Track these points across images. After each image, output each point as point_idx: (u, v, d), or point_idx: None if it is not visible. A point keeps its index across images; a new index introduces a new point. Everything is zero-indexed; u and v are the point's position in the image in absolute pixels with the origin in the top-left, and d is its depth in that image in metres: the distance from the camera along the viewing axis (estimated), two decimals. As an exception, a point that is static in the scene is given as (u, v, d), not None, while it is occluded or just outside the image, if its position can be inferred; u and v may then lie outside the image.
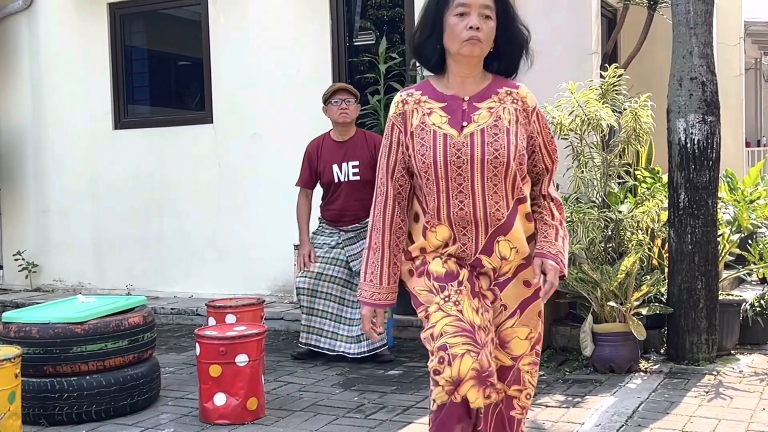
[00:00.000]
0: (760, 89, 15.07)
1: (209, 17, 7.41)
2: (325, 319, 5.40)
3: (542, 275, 2.53)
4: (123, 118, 7.94)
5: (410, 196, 2.65)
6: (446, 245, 2.57)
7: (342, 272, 5.40)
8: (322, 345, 5.42)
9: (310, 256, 5.42)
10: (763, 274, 6.37)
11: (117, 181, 7.86)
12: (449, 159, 2.49)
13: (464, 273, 2.55)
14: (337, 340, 5.39)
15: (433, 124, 2.53)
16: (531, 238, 2.61)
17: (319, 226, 5.57)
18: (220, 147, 7.43)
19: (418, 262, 2.62)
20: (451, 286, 2.52)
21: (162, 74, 8.47)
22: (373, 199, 2.63)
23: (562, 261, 2.55)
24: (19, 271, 8.28)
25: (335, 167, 5.42)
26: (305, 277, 5.38)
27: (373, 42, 6.77)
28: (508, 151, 2.50)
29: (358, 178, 5.39)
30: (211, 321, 5.02)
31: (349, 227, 5.42)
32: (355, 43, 7.10)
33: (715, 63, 5.26)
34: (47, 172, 8.26)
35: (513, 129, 2.54)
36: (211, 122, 7.47)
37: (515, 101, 2.58)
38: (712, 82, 5.17)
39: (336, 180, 5.42)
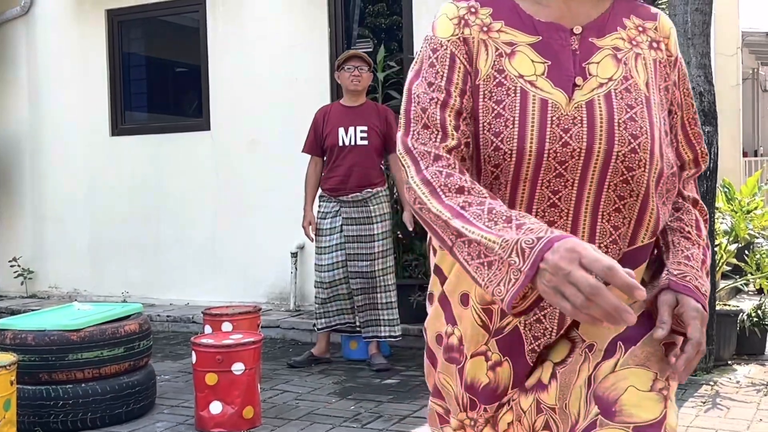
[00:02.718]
0: (758, 99, 15.10)
1: (207, 24, 7.42)
2: (342, 300, 5.48)
3: (666, 321, 1.43)
4: (120, 125, 7.93)
5: None
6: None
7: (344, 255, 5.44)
8: (344, 321, 5.52)
9: (311, 229, 5.48)
10: (760, 284, 6.37)
11: (114, 188, 7.84)
12: (547, 148, 1.42)
13: (514, 395, 1.56)
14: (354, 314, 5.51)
15: (520, 76, 1.45)
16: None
17: (319, 205, 5.52)
18: (218, 154, 7.42)
19: (443, 330, 1.63)
20: (486, 409, 1.58)
21: (160, 81, 8.47)
22: (412, 178, 1.44)
23: (707, 307, 1.48)
24: (15, 277, 8.26)
25: (341, 130, 5.40)
26: (322, 272, 5.44)
27: (371, 50, 6.77)
28: (652, 140, 1.45)
29: (366, 143, 5.38)
30: (208, 329, 5.00)
31: (350, 196, 5.37)
32: (353, 51, 7.11)
33: (712, 73, 5.27)
34: (44, 179, 8.24)
35: (654, 98, 1.49)
36: (209, 129, 7.46)
37: (654, 44, 1.53)
38: (710, 93, 5.18)
39: (340, 143, 5.39)
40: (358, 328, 5.49)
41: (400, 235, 5.66)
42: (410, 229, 5.53)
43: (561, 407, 1.47)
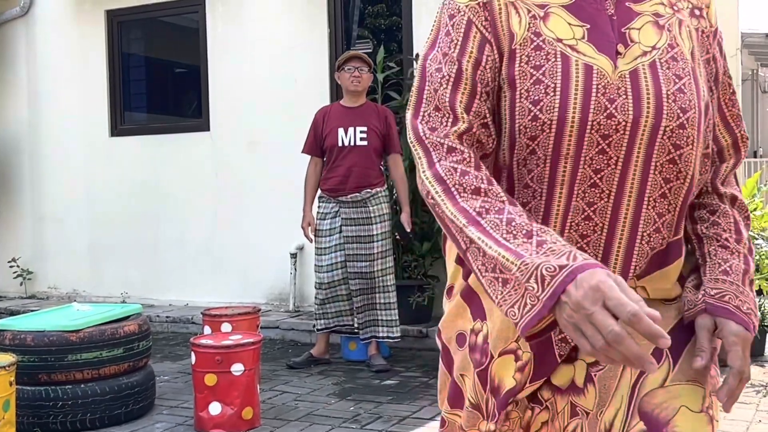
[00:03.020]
0: (757, 100, 15.11)
1: (207, 25, 7.42)
2: (341, 301, 5.48)
3: (705, 348, 1.33)
4: (120, 126, 7.93)
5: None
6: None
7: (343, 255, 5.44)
8: (343, 323, 5.51)
9: (310, 230, 5.49)
10: (760, 285, 6.37)
11: (113, 189, 7.84)
12: (591, 119, 1.29)
13: (549, 395, 1.43)
14: (352, 316, 5.49)
15: (559, 40, 1.33)
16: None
17: (319, 206, 5.52)
18: (217, 155, 7.42)
19: (467, 327, 1.47)
20: (514, 413, 1.44)
21: (159, 82, 8.46)
22: (423, 172, 1.35)
23: (755, 324, 1.35)
24: (14, 278, 8.25)
25: (340, 131, 5.40)
26: (322, 273, 5.43)
27: (370, 51, 6.77)
28: (700, 115, 1.34)
29: (365, 143, 5.38)
30: (207, 329, 5.00)
31: (349, 197, 5.37)
32: (353, 52, 7.11)
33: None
34: (43, 179, 8.24)
35: (700, 69, 1.38)
36: (208, 130, 7.46)
37: (696, 11, 1.42)
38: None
39: (340, 144, 5.39)
40: (356, 330, 5.48)
41: (398, 237, 5.65)
42: (408, 230, 5.52)
43: (595, 413, 1.36)
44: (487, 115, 1.35)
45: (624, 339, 1.09)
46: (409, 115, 1.39)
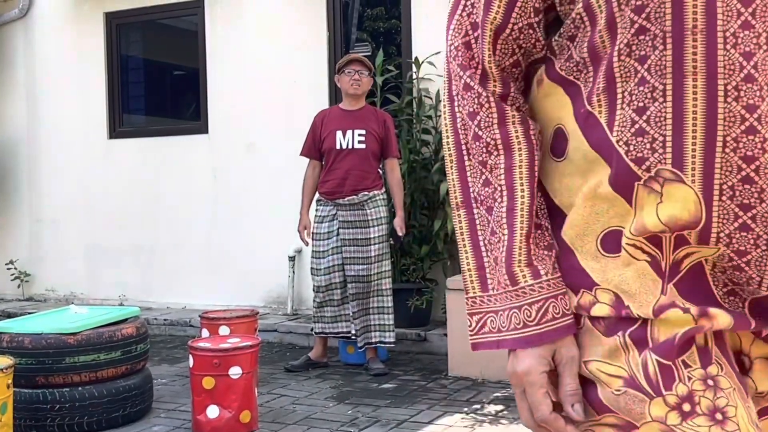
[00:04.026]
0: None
1: (206, 27, 7.42)
2: (335, 306, 5.47)
3: None
4: (118, 128, 7.93)
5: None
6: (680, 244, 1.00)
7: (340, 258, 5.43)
8: (338, 329, 5.49)
9: (306, 233, 5.49)
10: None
11: (111, 191, 7.83)
12: None
13: (710, 343, 1.02)
14: (349, 321, 5.47)
15: None
16: None
17: (316, 209, 5.50)
18: (215, 157, 7.42)
19: (605, 312, 1.04)
20: (692, 373, 0.99)
21: (158, 84, 8.46)
22: (457, 133, 1.14)
23: None
24: (11, 280, 8.24)
25: (339, 133, 5.39)
26: (319, 276, 5.42)
27: (369, 54, 6.77)
28: None
29: (363, 146, 5.37)
30: (205, 332, 4.99)
31: (346, 200, 5.35)
32: (352, 55, 7.11)
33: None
34: (41, 181, 8.23)
35: None
36: (207, 132, 7.45)
37: None
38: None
39: (338, 147, 5.38)
40: (354, 336, 5.46)
41: (391, 242, 5.63)
42: (399, 234, 5.49)
43: None
44: (531, 39, 1.10)
45: (552, 422, 1.04)
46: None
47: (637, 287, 1.02)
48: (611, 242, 1.04)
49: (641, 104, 0.99)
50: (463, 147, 1.13)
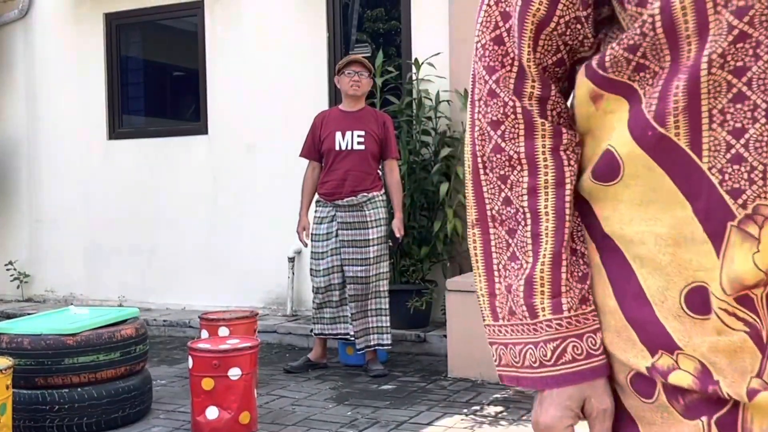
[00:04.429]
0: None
1: (206, 28, 7.42)
2: (334, 307, 5.46)
3: None
4: (117, 129, 7.92)
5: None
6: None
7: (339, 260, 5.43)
8: (337, 331, 5.49)
9: (305, 234, 5.49)
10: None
11: (110, 192, 7.83)
12: None
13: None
14: (347, 323, 5.46)
15: None
16: None
17: (316, 210, 5.50)
18: (215, 158, 7.41)
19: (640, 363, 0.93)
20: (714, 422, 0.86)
21: (157, 85, 8.46)
22: (474, 143, 1.03)
23: None
24: (11, 281, 8.24)
25: (338, 134, 5.39)
26: (318, 277, 5.41)
27: (369, 55, 6.77)
28: None
29: (362, 147, 5.37)
30: (204, 333, 4.99)
31: (345, 201, 5.34)
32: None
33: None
34: (40, 182, 8.23)
35: None
36: (206, 133, 7.45)
37: None
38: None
39: (337, 148, 5.38)
40: (352, 337, 5.45)
41: (390, 244, 5.63)
42: (397, 236, 5.49)
43: None
44: (576, 38, 0.97)
45: None
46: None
47: (729, 361, 0.84)
48: (698, 301, 0.86)
49: (738, 125, 0.84)
50: (479, 159, 1.01)
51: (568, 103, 1.02)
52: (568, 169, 0.97)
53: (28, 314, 5.46)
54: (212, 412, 4.08)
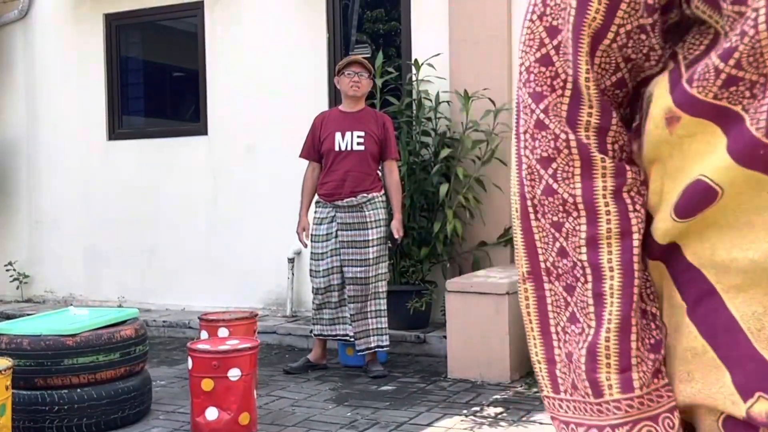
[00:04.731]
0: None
1: (206, 29, 7.41)
2: (333, 308, 5.45)
3: None
4: (117, 129, 7.92)
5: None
6: None
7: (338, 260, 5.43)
8: (336, 332, 5.48)
9: (304, 235, 5.50)
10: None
11: (110, 193, 7.83)
12: None
13: None
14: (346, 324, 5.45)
15: None
16: None
17: (315, 210, 5.50)
18: (215, 159, 7.41)
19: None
20: None
21: (157, 85, 8.46)
22: (521, 183, 0.88)
23: None
24: (10, 281, 8.24)
25: (338, 135, 5.39)
26: (318, 278, 5.41)
27: (369, 55, 6.76)
28: None
29: (362, 148, 5.37)
30: (204, 334, 4.98)
31: (345, 201, 5.34)
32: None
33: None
34: (40, 183, 8.22)
35: None
36: (206, 134, 7.45)
37: None
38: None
39: (336, 148, 5.38)
40: (352, 339, 5.44)
41: (389, 245, 5.63)
42: (396, 237, 5.48)
43: None
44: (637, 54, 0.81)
45: None
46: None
47: None
48: None
49: None
50: (529, 203, 0.85)
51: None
52: (634, 215, 0.81)
53: (28, 315, 5.45)
54: (212, 413, 4.08)
